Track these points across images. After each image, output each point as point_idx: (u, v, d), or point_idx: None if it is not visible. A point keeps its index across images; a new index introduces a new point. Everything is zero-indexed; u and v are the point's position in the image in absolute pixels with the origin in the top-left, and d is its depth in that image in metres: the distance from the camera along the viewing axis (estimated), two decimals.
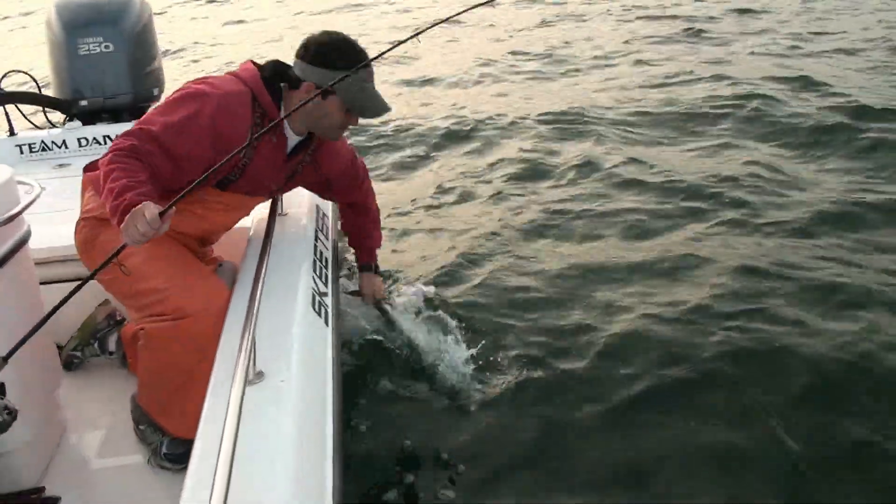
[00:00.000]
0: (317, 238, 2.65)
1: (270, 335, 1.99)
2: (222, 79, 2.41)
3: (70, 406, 2.77)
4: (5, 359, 1.79)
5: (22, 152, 4.20)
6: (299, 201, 2.87)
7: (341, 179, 2.83)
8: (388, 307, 3.19)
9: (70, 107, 4.19)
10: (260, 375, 1.87)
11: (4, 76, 4.22)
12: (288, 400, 1.81)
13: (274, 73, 2.45)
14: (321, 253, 2.57)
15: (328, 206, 3.14)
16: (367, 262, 3.17)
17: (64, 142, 4.14)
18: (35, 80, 4.34)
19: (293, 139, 2.53)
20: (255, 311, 1.90)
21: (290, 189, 2.76)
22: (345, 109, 2.42)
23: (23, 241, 2.41)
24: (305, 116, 2.43)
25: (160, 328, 2.35)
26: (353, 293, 3.16)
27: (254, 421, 1.68)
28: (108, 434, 2.72)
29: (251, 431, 1.64)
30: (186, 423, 2.39)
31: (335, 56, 2.39)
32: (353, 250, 3.24)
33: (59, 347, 2.90)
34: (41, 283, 2.59)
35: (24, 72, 4.43)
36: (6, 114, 4.24)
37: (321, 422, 1.88)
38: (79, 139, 4.18)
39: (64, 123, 4.29)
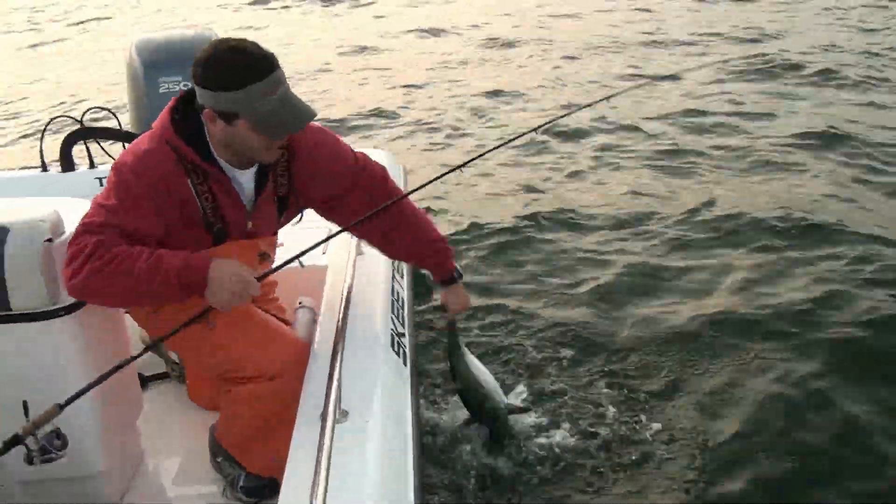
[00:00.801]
0: (393, 278, 2.72)
1: (353, 376, 2.06)
2: (138, 140, 2.27)
3: (148, 430, 2.86)
4: (62, 407, 1.94)
5: (101, 185, 4.34)
6: None
7: (343, 180, 2.45)
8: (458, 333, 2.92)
9: None
10: (345, 415, 1.93)
11: (87, 112, 4.39)
12: (372, 440, 1.87)
13: (186, 107, 2.22)
14: (398, 293, 2.64)
15: None
16: (446, 275, 2.64)
17: None
18: (116, 116, 4.50)
19: (242, 173, 2.30)
20: (340, 354, 1.97)
21: (295, 214, 2.57)
22: (257, 129, 2.12)
23: None
24: (224, 147, 2.21)
25: (242, 391, 2.40)
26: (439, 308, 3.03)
27: (341, 460, 1.74)
28: (184, 461, 2.80)
29: (338, 470, 1.70)
30: (265, 462, 2.47)
31: (224, 73, 2.07)
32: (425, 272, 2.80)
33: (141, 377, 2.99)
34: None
35: (106, 108, 4.61)
36: (87, 148, 4.41)
37: (403, 461, 1.94)
38: None
39: None
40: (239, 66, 2.06)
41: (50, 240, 2.18)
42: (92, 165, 4.41)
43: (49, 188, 4.35)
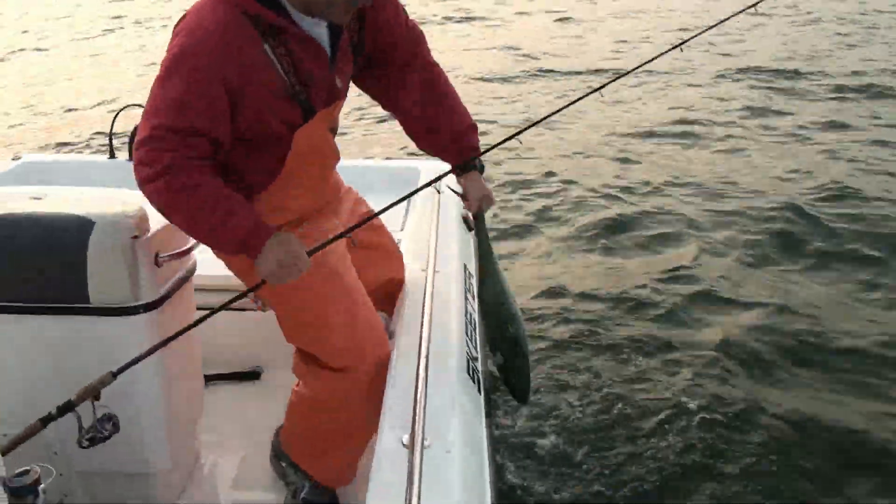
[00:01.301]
0: (466, 298, 2.67)
1: (431, 401, 2.01)
2: (198, 12, 1.98)
3: (206, 430, 2.83)
4: (115, 375, 1.93)
5: None
6: (448, 258, 2.90)
7: (404, 41, 2.31)
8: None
9: None
10: (426, 443, 1.88)
11: None
12: (452, 468, 1.83)
13: None
14: (470, 315, 2.58)
15: (472, 265, 3.16)
16: (470, 157, 2.40)
17: None
18: None
19: (316, 23, 2.07)
20: (422, 379, 1.93)
21: (365, 72, 2.35)
22: None
23: (189, 275, 2.51)
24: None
25: (318, 386, 2.35)
26: (459, 195, 2.59)
27: (424, 489, 1.70)
28: (242, 464, 2.77)
29: (422, 500, 1.66)
30: (334, 474, 2.43)
31: None
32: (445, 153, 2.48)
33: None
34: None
35: None
36: None
37: (482, 490, 1.89)
38: None
39: None
40: None
41: (136, 236, 2.17)
42: None
43: (115, 176, 4.37)
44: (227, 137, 2.02)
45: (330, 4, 1.99)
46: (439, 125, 2.38)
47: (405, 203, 3.95)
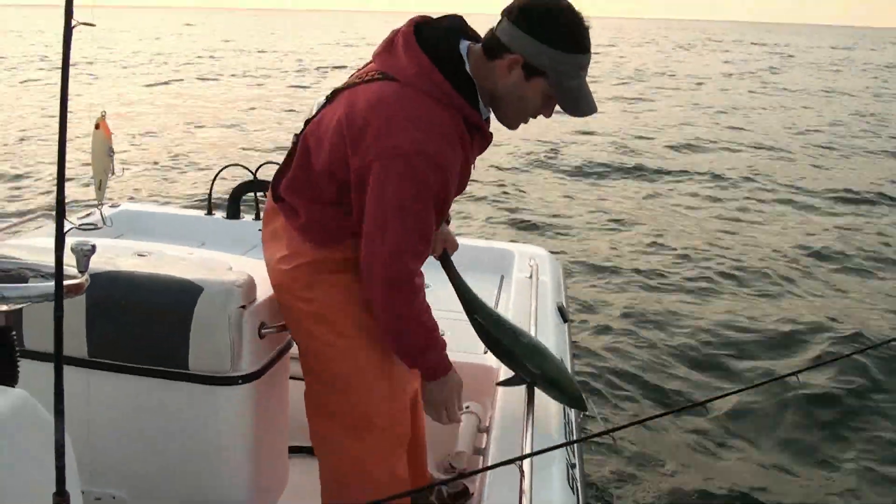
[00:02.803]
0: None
1: None
2: (416, 114, 1.90)
3: (289, 496, 2.69)
4: None
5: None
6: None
7: None
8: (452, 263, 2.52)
9: None
10: None
11: (260, 167, 4.48)
12: None
13: (449, 45, 1.98)
14: (568, 416, 2.47)
15: (569, 361, 3.04)
16: None
17: None
18: None
19: (485, 112, 2.09)
20: (527, 489, 1.83)
21: None
22: (547, 97, 1.98)
23: (288, 347, 2.46)
24: (491, 101, 2.03)
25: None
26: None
27: None
28: None
29: None
30: None
31: (562, 30, 1.90)
32: None
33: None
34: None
35: (277, 163, 4.69)
36: (256, 199, 4.49)
37: None
38: None
39: None
40: (578, 31, 1.92)
41: (243, 306, 2.13)
42: (257, 217, 4.48)
43: (211, 233, 4.43)
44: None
45: (520, 111, 2.04)
46: None
47: (497, 287, 3.91)
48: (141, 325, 2.15)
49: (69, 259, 1.53)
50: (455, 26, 2.04)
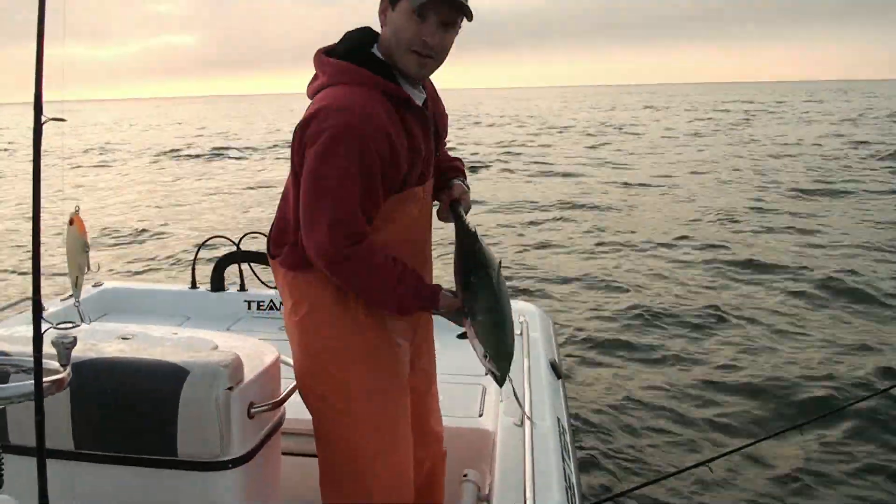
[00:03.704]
0: (563, 459, 2.50)
1: None
2: (330, 96, 2.04)
3: None
4: None
5: (250, 308, 4.36)
6: (542, 410, 2.75)
7: (443, 118, 2.42)
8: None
9: None
10: None
11: (244, 237, 4.45)
12: None
13: (362, 38, 2.14)
14: (569, 478, 2.41)
15: (565, 419, 2.99)
16: (459, 174, 2.48)
17: None
18: None
19: (415, 94, 2.16)
20: None
21: (439, 151, 2.41)
22: (413, 11, 2.00)
23: (279, 424, 2.40)
24: (387, 51, 2.10)
25: None
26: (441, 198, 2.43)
27: None
28: None
29: None
30: None
31: None
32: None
33: None
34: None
35: (262, 234, 4.66)
36: (240, 270, 4.45)
37: None
38: None
39: None
40: None
41: (230, 388, 2.08)
42: (242, 288, 4.44)
43: (196, 307, 4.38)
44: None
45: (403, 45, 2.05)
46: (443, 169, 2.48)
47: None
48: (127, 413, 2.09)
49: (49, 349, 1.49)
50: (362, 32, 2.17)
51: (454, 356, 2.76)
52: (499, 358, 2.04)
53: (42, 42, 0.97)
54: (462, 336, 2.13)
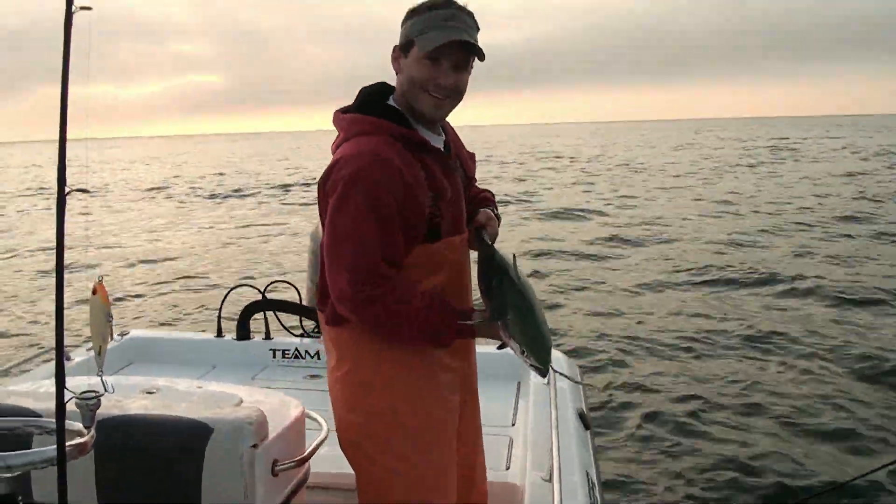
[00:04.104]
0: None
1: None
2: (348, 147, 2.10)
3: None
4: None
5: (275, 356, 4.35)
6: (570, 465, 2.69)
7: (469, 159, 2.46)
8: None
9: None
10: None
11: (270, 285, 4.47)
12: None
13: (378, 91, 2.22)
14: None
15: (594, 472, 2.93)
16: (489, 205, 2.48)
17: (318, 352, 4.24)
18: (297, 290, 4.55)
19: (433, 137, 2.22)
20: None
21: (468, 192, 2.41)
22: (425, 56, 2.06)
23: (304, 481, 2.38)
24: (403, 98, 2.16)
25: None
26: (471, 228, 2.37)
27: None
28: None
29: None
30: None
31: (416, 6, 2.11)
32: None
33: None
34: None
35: (288, 282, 4.69)
36: (265, 318, 4.45)
37: None
38: None
39: (315, 332, 4.42)
40: (428, 1, 2.10)
41: (255, 445, 2.06)
42: (267, 336, 4.44)
43: (222, 356, 4.38)
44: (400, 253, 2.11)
45: (418, 88, 2.10)
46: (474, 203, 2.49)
47: (514, 395, 3.81)
48: (151, 471, 2.07)
49: (72, 408, 1.48)
50: (376, 86, 2.23)
51: (481, 407, 2.72)
52: (535, 349, 2.02)
53: (66, 118, 0.98)
54: (502, 346, 2.13)
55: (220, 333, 4.54)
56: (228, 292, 4.70)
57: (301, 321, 4.46)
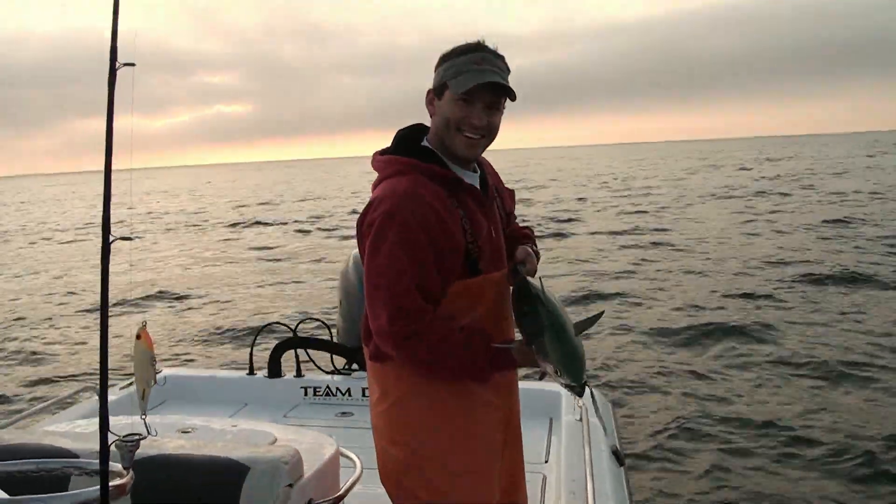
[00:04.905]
0: None
1: None
2: (385, 189, 2.15)
3: None
4: None
5: (306, 395, 4.36)
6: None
7: (507, 195, 2.51)
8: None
9: (356, 355, 4.31)
10: None
11: (301, 322, 4.50)
12: None
13: (413, 132, 2.29)
14: None
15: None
16: (528, 241, 2.48)
17: (349, 390, 4.26)
18: (328, 327, 4.58)
19: (468, 175, 2.26)
20: None
21: (507, 229, 2.45)
22: (460, 101, 2.13)
23: None
24: (437, 138, 2.22)
25: None
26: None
27: None
28: None
29: None
30: None
31: (450, 49, 2.18)
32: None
33: None
34: None
35: (319, 320, 4.72)
36: (296, 356, 4.48)
37: None
38: (363, 389, 4.19)
39: (346, 369, 4.43)
40: (464, 45, 2.17)
41: (291, 485, 2.07)
42: (298, 374, 4.46)
43: (255, 393, 4.40)
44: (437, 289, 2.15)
45: (452, 129, 2.16)
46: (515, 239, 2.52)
47: (546, 431, 3.79)
48: None
49: (112, 448, 1.50)
50: (411, 129, 2.30)
51: None
52: (569, 368, 2.03)
53: (110, 168, 1.01)
54: (542, 376, 2.13)
55: (251, 371, 4.57)
56: (260, 330, 4.74)
57: (332, 359, 4.47)
